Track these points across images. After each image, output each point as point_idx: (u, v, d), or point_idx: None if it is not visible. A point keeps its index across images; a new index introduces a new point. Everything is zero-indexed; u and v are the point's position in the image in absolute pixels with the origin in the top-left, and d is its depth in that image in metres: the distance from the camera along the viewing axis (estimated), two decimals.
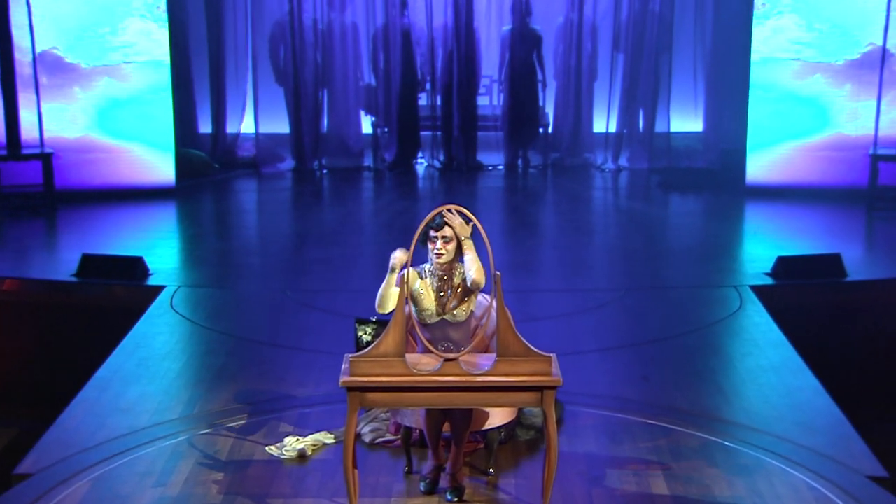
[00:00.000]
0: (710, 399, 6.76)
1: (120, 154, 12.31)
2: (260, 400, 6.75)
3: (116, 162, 12.31)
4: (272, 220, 11.94)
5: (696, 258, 10.16)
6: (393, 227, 11.27)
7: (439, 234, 5.19)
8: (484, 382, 4.96)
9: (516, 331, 4.97)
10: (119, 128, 12.25)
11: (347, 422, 5.01)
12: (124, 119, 12.23)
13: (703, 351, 7.69)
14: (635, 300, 8.89)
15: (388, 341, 4.95)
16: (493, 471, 5.73)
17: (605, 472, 5.77)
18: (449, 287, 5.25)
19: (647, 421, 6.41)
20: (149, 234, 11.03)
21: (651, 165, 13.96)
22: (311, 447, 6.02)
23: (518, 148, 14.30)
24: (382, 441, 6.10)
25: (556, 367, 5.01)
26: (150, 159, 12.43)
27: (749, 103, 12.46)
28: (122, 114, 12.23)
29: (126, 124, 12.24)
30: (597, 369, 7.29)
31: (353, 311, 8.14)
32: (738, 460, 5.90)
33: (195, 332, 8.16)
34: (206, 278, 9.61)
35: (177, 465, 5.83)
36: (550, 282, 9.53)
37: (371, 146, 14.24)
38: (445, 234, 5.20)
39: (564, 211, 12.26)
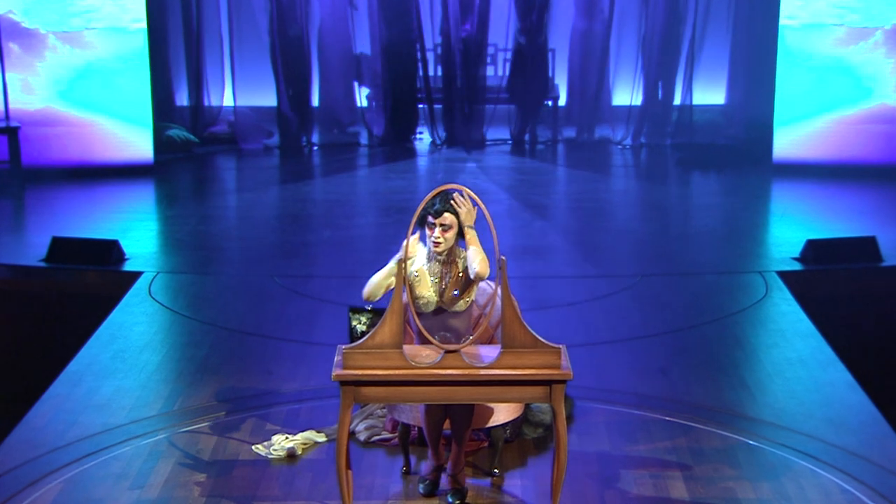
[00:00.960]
0: (733, 394, 6.77)
1: (86, 128, 12.27)
2: (246, 395, 6.77)
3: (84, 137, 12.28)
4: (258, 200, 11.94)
5: (719, 241, 10.16)
6: (389, 208, 11.27)
7: (438, 222, 5.19)
8: (488, 376, 4.98)
9: (523, 320, 4.98)
10: (84, 99, 12.19)
11: (340, 419, 5.03)
12: (89, 90, 12.17)
13: (725, 342, 7.70)
14: (652, 287, 8.90)
15: (385, 331, 4.96)
16: (497, 471, 5.75)
17: (618, 473, 5.79)
18: (448, 273, 5.26)
19: (664, 418, 6.43)
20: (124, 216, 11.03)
21: (670, 141, 13.95)
22: (301, 446, 6.04)
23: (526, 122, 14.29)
24: (378, 439, 6.12)
25: (565, 359, 5.02)
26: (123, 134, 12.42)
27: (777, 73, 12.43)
28: (87, 84, 12.16)
29: (92, 95, 12.18)
30: (610, 362, 7.31)
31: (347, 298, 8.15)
32: (763, 461, 5.92)
33: (175, 322, 8.17)
34: (187, 263, 9.62)
35: (155, 465, 5.85)
36: (560, 267, 9.54)
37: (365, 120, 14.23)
38: (445, 221, 5.19)
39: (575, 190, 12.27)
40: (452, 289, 5.24)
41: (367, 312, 6.54)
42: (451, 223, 5.19)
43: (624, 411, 6.52)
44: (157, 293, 8.67)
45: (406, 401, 5.23)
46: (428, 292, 5.25)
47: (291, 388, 6.88)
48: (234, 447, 6.07)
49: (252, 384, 6.94)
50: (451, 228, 5.20)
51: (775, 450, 6.03)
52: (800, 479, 5.72)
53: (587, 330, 7.89)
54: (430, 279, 5.26)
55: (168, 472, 5.77)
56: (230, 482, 5.68)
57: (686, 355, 7.45)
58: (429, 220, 5.21)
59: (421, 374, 4.97)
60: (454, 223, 5.19)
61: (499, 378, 4.97)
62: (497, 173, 13.05)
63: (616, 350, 7.54)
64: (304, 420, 6.37)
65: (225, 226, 11.03)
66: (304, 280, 9.11)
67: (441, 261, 5.26)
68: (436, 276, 5.26)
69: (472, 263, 5.13)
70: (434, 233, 5.19)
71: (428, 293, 5.25)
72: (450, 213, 5.19)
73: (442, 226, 5.19)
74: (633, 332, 7.87)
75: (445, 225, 5.19)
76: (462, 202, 5.19)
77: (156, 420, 6.41)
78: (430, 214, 5.19)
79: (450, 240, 5.20)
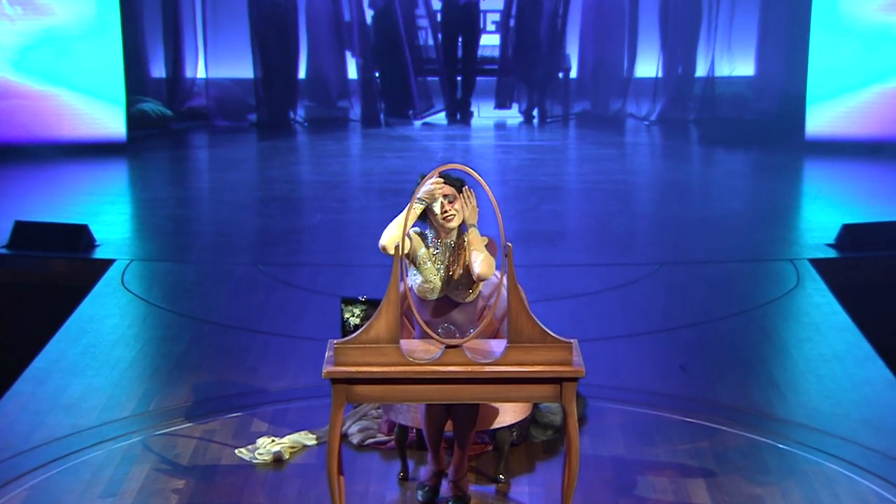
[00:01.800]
0: (761, 393, 6.78)
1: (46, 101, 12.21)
2: (228, 394, 6.78)
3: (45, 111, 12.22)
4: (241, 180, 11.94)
5: (746, 226, 10.16)
6: (385, 190, 11.27)
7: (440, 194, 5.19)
8: (493, 373, 4.98)
9: (531, 312, 4.98)
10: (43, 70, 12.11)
11: (332, 420, 5.03)
12: (48, 59, 12.08)
13: (753, 336, 7.71)
14: (673, 276, 8.90)
15: (380, 324, 4.96)
16: (503, 477, 5.76)
17: (635, 479, 5.79)
18: (456, 262, 5.26)
19: (685, 419, 6.44)
20: (94, 198, 11.03)
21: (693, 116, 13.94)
22: (289, 450, 6.05)
23: (533, 96, 14.27)
24: (373, 442, 6.13)
25: (577, 354, 5.03)
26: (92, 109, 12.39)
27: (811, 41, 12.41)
28: (45, 53, 12.08)
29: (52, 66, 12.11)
30: (627, 358, 7.31)
31: (339, 289, 8.15)
32: (794, 466, 5.93)
33: (151, 315, 8.18)
34: (164, 250, 9.62)
35: (129, 471, 5.86)
36: (571, 254, 9.54)
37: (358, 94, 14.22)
38: (447, 192, 5.21)
39: (588, 170, 12.26)
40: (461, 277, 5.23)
41: (360, 304, 6.54)
42: (453, 194, 5.23)
43: (641, 412, 6.53)
44: (130, 283, 8.67)
45: (403, 400, 5.23)
46: (434, 277, 5.25)
47: (278, 386, 6.88)
48: (216, 451, 6.08)
49: (235, 382, 6.95)
50: (457, 199, 5.23)
51: (808, 454, 6.04)
52: (834, 486, 5.73)
53: (601, 323, 7.90)
54: (437, 265, 5.26)
55: (143, 478, 5.78)
56: (211, 489, 5.69)
57: (709, 350, 7.45)
58: None
59: (420, 372, 4.98)
60: (455, 193, 5.23)
61: (505, 375, 4.98)
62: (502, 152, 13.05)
63: (633, 345, 7.55)
64: (292, 421, 6.38)
65: (205, 209, 11.03)
66: (291, 269, 9.11)
67: (447, 244, 5.26)
68: (441, 263, 5.27)
69: (474, 264, 5.14)
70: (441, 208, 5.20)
71: (434, 278, 5.25)
72: (448, 185, 5.22)
73: (446, 196, 5.21)
74: (652, 326, 7.87)
75: (448, 196, 5.22)
76: (468, 198, 5.20)
77: (129, 421, 6.42)
78: None
79: (460, 211, 5.22)
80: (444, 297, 5.29)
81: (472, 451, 5.87)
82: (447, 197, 5.23)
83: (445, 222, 5.23)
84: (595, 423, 6.38)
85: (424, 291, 5.28)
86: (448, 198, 5.23)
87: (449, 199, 5.23)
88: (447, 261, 5.27)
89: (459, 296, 5.27)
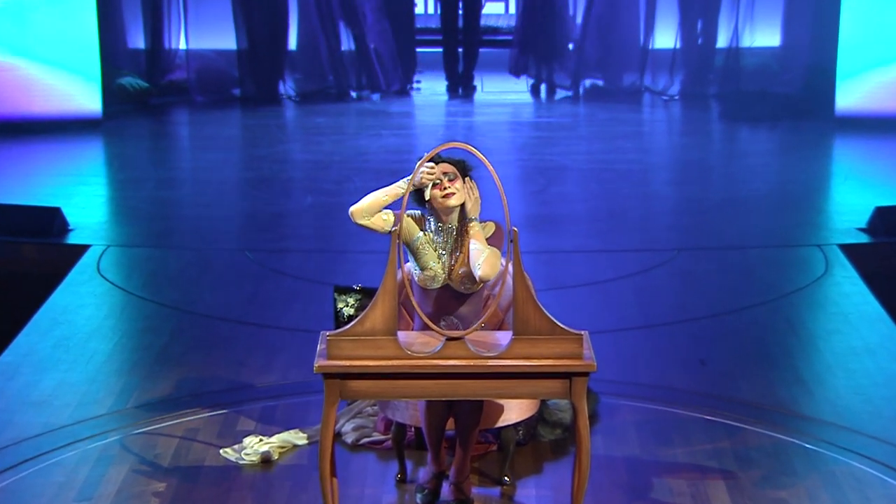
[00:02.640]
0: (786, 389, 6.79)
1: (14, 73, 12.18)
2: (213, 390, 6.79)
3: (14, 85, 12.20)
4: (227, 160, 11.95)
5: (770, 209, 10.17)
6: (382, 171, 11.27)
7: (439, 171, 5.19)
8: (497, 367, 4.99)
9: (538, 302, 4.99)
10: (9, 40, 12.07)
11: (324, 417, 5.04)
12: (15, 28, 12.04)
13: (777, 328, 7.71)
14: (691, 263, 8.90)
15: (376, 315, 4.97)
16: (508, 479, 5.77)
17: (650, 481, 5.81)
18: (458, 247, 5.27)
19: (705, 417, 6.45)
20: (68, 179, 11.03)
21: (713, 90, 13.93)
22: (278, 450, 6.06)
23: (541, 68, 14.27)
24: (368, 442, 6.14)
25: (588, 347, 5.04)
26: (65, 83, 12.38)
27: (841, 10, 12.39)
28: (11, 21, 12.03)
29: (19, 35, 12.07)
30: (641, 351, 7.32)
31: (332, 276, 8.16)
32: (822, 468, 5.94)
33: (129, 305, 8.18)
34: (143, 235, 9.62)
35: (105, 473, 5.87)
36: (582, 240, 9.54)
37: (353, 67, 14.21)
38: (447, 170, 5.21)
39: (600, 149, 12.26)
40: (462, 264, 5.25)
41: (354, 293, 6.55)
42: (454, 172, 5.23)
43: (657, 409, 6.54)
44: (107, 270, 8.68)
45: (401, 396, 5.25)
46: (435, 263, 5.26)
47: (266, 381, 6.89)
48: (199, 451, 6.09)
49: (220, 377, 6.96)
50: (457, 178, 5.23)
51: (836, 454, 6.05)
52: (865, 488, 5.74)
53: (614, 313, 7.91)
54: (437, 251, 5.27)
55: (121, 480, 5.79)
56: (194, 492, 5.70)
57: (730, 343, 7.46)
58: None
59: (419, 366, 4.98)
60: (456, 173, 5.23)
61: (510, 370, 4.99)
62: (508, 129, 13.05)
63: (648, 337, 7.56)
64: (282, 419, 6.39)
65: (187, 191, 11.03)
66: (281, 255, 9.11)
67: (447, 229, 5.26)
68: (443, 249, 5.27)
69: (476, 263, 5.13)
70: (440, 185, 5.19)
71: (435, 265, 5.26)
72: (448, 163, 5.22)
73: (446, 174, 5.21)
74: (669, 316, 7.88)
75: (448, 173, 5.21)
76: (471, 188, 5.20)
77: (106, 419, 6.43)
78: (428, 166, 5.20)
79: (460, 190, 5.22)
80: (446, 287, 5.30)
81: (475, 451, 5.89)
82: (447, 174, 5.23)
83: (444, 200, 5.23)
84: (607, 422, 6.39)
85: (425, 280, 5.29)
86: (448, 175, 5.23)
87: (449, 176, 5.23)
88: (449, 247, 5.27)
89: (463, 285, 5.27)
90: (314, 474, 5.50)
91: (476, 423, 5.49)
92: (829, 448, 6.11)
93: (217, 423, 6.37)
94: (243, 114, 13.72)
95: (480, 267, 5.12)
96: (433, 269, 5.26)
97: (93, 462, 5.96)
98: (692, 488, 5.72)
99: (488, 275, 5.13)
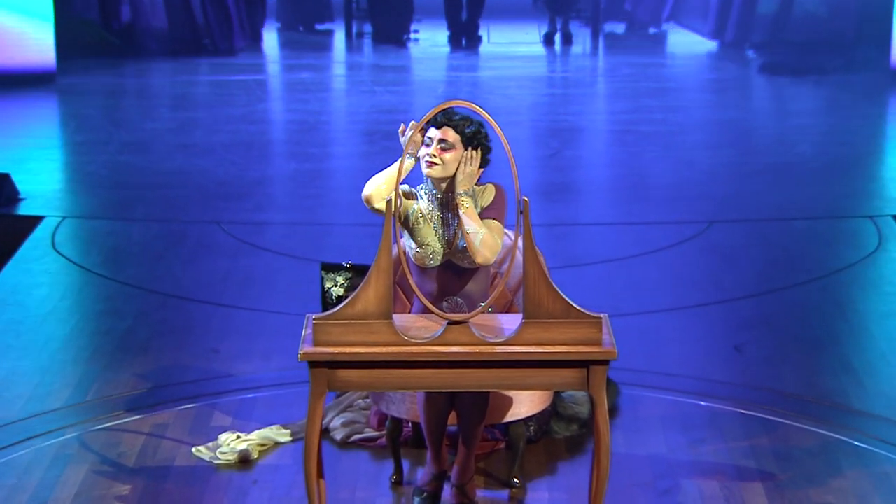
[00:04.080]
0: (832, 380, 6.80)
1: None
2: (183, 380, 6.81)
3: None
4: (198, 120, 11.94)
5: (816, 176, 10.16)
6: (374, 132, 11.27)
7: (436, 137, 5.19)
8: (505, 355, 5.01)
9: (551, 281, 5.00)
10: None
11: (309, 411, 5.06)
12: None
13: (823, 310, 7.73)
14: (725, 237, 8.91)
15: (369, 296, 4.99)
16: (518, 481, 5.79)
17: (678, 483, 5.83)
18: (455, 219, 5.27)
19: (739, 411, 6.47)
20: (17, 142, 11.02)
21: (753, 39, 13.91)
22: (258, 448, 6.08)
23: (555, 16, 14.25)
24: (360, 439, 6.17)
25: (608, 332, 5.05)
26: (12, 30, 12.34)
27: None
28: None
29: None
30: (668, 336, 7.34)
31: (318, 252, 8.17)
32: (874, 467, 5.96)
33: (88, 284, 8.20)
34: (104, 206, 9.63)
35: (62, 474, 5.89)
36: (601, 210, 9.55)
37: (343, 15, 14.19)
38: (446, 136, 5.20)
39: (622, 108, 12.25)
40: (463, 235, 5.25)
41: (344, 270, 6.56)
42: (454, 142, 5.19)
43: (686, 401, 6.56)
44: (63, 245, 8.69)
45: (397, 388, 5.27)
46: (432, 239, 5.26)
47: (244, 370, 6.91)
48: (169, 449, 6.11)
49: (192, 366, 6.98)
50: (454, 149, 5.19)
51: (890, 453, 6.07)
52: None
53: (638, 294, 7.92)
54: (433, 225, 5.27)
55: (79, 482, 5.81)
56: (162, 496, 5.73)
57: (769, 327, 7.48)
58: (426, 135, 5.21)
59: (417, 353, 5.00)
60: (458, 143, 5.19)
61: (520, 358, 5.00)
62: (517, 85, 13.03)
63: (676, 320, 7.57)
64: (262, 413, 6.41)
65: (153, 156, 11.03)
66: (260, 228, 9.12)
67: (441, 199, 5.27)
68: (441, 221, 5.27)
69: (473, 245, 5.12)
70: (430, 149, 5.19)
71: (432, 240, 5.26)
72: (454, 129, 5.20)
73: (442, 142, 5.19)
74: (699, 297, 7.89)
75: (446, 142, 5.19)
76: (468, 159, 5.16)
77: (63, 414, 6.45)
78: (431, 125, 5.19)
79: (448, 164, 5.19)
80: (447, 264, 5.31)
81: (481, 449, 5.91)
82: (444, 142, 5.20)
83: (427, 168, 5.20)
84: (629, 416, 6.41)
85: (423, 258, 5.30)
86: (444, 144, 5.20)
87: (444, 145, 5.20)
88: (447, 218, 5.27)
89: (466, 260, 5.29)
90: (299, 475, 5.52)
91: (481, 418, 5.51)
92: (882, 446, 6.12)
93: (188, 418, 6.39)
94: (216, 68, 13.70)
95: (478, 251, 5.12)
96: (430, 244, 5.26)
97: (48, 462, 5.98)
98: (725, 491, 5.74)
99: (488, 259, 5.14)
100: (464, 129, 5.21)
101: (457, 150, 5.20)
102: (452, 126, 5.21)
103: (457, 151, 5.20)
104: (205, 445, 6.09)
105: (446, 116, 5.21)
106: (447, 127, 5.21)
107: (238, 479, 5.86)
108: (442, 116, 5.21)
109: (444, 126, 5.21)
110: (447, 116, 5.21)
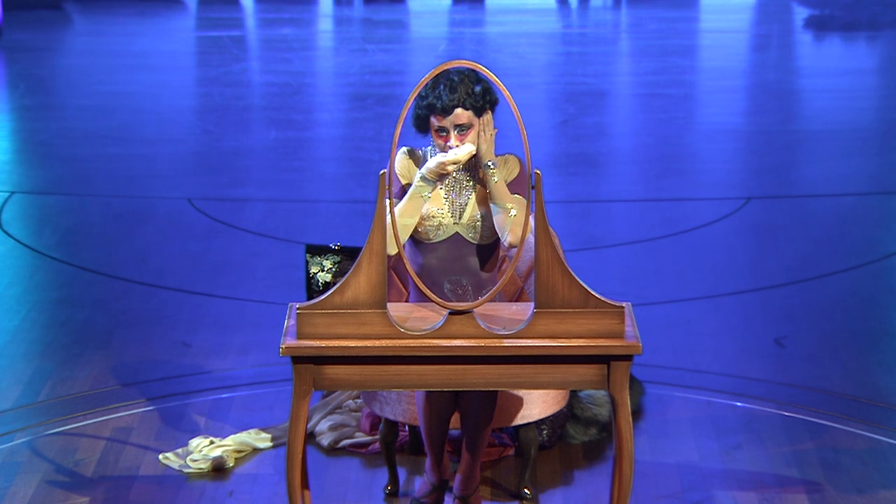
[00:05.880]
0: (885, 378, 6.82)
1: None
2: (150, 378, 6.83)
3: None
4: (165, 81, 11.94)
5: (868, 146, 10.17)
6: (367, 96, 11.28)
7: (449, 122, 5.19)
8: (515, 349, 5.02)
9: (567, 265, 5.02)
10: None
11: (293, 413, 5.08)
12: None
13: (876, 299, 7.74)
14: (765, 215, 8.92)
15: (360, 282, 5.00)
16: (529, 492, 5.82)
17: (711, 494, 5.85)
18: (469, 186, 5.29)
19: (781, 412, 6.49)
20: None
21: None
22: (234, 454, 6.11)
23: None
24: (350, 444, 6.19)
25: (631, 324, 5.07)
26: None
27: None
28: None
29: None
30: (699, 329, 7.36)
31: (302, 234, 8.19)
32: None
33: (40, 269, 8.21)
34: (58, 180, 9.64)
35: (11, 483, 5.91)
36: (623, 186, 9.56)
37: None
38: (461, 120, 5.19)
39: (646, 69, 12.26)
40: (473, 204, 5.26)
41: (332, 253, 6.58)
42: (469, 120, 5.19)
43: (719, 402, 6.58)
44: (10, 224, 8.70)
45: (392, 386, 5.29)
46: (442, 208, 5.27)
47: (219, 367, 6.94)
48: (133, 456, 6.14)
49: (159, 361, 7.00)
50: (471, 128, 5.20)
51: None
52: None
53: (664, 281, 7.94)
54: (442, 194, 5.28)
55: (31, 494, 5.84)
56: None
57: (814, 319, 7.50)
58: (434, 122, 5.22)
59: (415, 346, 5.02)
60: (472, 120, 5.19)
61: (531, 352, 5.03)
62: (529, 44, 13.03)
63: (708, 310, 7.59)
64: (238, 415, 6.44)
65: (114, 122, 11.04)
66: (237, 205, 9.14)
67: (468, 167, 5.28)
68: (451, 189, 5.29)
69: (505, 224, 5.15)
70: (449, 141, 5.19)
71: (441, 212, 5.27)
72: (463, 107, 5.18)
73: (458, 126, 5.19)
74: (734, 285, 7.91)
75: (462, 125, 5.19)
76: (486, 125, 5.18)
77: (12, 416, 6.47)
78: (435, 114, 5.19)
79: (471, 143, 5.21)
80: (453, 239, 5.32)
81: (487, 456, 5.94)
82: (460, 127, 5.20)
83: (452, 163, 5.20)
84: (655, 419, 6.44)
85: (428, 231, 5.31)
86: (461, 128, 5.20)
87: (461, 129, 5.20)
88: (459, 186, 5.29)
89: (477, 234, 5.30)
90: (281, 485, 5.55)
91: (488, 421, 5.53)
92: None
93: (155, 421, 6.41)
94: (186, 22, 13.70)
95: (513, 231, 5.15)
96: (438, 218, 5.28)
97: None
98: (765, 502, 5.77)
99: (518, 240, 5.14)
100: (473, 99, 5.20)
101: (474, 125, 5.21)
102: (461, 104, 5.19)
103: (475, 127, 5.21)
104: (174, 452, 6.12)
105: (452, 99, 5.18)
106: (457, 109, 5.19)
107: (212, 489, 5.89)
108: (447, 98, 5.18)
109: (454, 109, 5.18)
110: (453, 99, 5.18)
